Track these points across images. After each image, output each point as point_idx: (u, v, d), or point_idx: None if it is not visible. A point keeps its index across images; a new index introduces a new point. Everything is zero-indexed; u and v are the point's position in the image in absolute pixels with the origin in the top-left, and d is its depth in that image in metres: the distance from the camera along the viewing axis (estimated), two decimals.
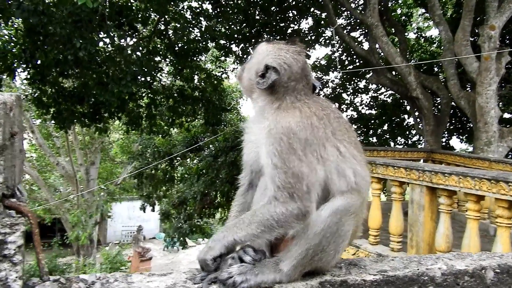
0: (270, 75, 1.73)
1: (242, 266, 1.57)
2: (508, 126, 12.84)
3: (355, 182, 1.69)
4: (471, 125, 14.10)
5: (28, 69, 10.15)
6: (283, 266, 1.60)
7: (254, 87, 1.81)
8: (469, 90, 14.09)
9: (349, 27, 19.37)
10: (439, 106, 15.04)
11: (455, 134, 20.58)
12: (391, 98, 21.63)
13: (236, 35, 16.13)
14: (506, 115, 17.21)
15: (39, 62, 9.73)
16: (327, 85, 21.31)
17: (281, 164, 1.57)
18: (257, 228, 1.56)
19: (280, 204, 1.56)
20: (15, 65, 9.93)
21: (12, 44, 10.26)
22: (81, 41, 8.85)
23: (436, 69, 18.91)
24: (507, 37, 16.20)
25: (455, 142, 29.60)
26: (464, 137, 20.34)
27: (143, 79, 11.70)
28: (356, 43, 17.19)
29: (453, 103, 14.23)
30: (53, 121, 11.65)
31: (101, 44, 10.58)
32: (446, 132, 19.12)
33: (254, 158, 1.82)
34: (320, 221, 1.59)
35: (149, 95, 12.87)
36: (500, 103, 14.14)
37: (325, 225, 1.58)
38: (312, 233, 1.58)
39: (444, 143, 18.47)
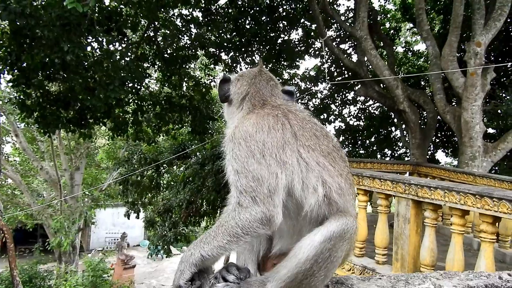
0: (221, 86, 2.03)
1: (227, 286, 1.51)
2: (492, 141, 13.02)
3: (325, 196, 1.63)
4: (456, 140, 14.28)
5: (13, 72, 9.97)
6: (270, 287, 1.54)
7: (226, 107, 2.06)
8: (455, 105, 14.29)
9: (339, 39, 19.55)
10: (425, 120, 15.22)
11: (440, 147, 20.82)
12: (378, 110, 21.84)
13: (226, 44, 16.15)
14: (491, 130, 17.48)
15: (24, 64, 9.57)
16: (316, 95, 21.43)
17: (241, 168, 1.56)
18: (223, 239, 1.51)
19: (244, 210, 1.51)
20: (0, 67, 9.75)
21: None
22: (68, 45, 8.71)
23: (423, 83, 19.16)
24: (493, 54, 16.52)
25: (440, 155, 29.99)
26: (449, 151, 20.59)
27: (130, 85, 11.60)
28: (345, 55, 17.36)
29: (439, 117, 14.42)
30: (36, 125, 11.44)
31: (89, 48, 10.46)
32: (431, 146, 19.34)
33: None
34: (313, 247, 1.52)
35: (136, 101, 12.76)
36: (485, 119, 14.35)
37: (317, 251, 1.51)
38: (304, 257, 1.51)
39: (429, 157, 18.66)
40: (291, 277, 1.52)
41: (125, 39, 12.27)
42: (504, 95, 15.73)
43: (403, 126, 15.77)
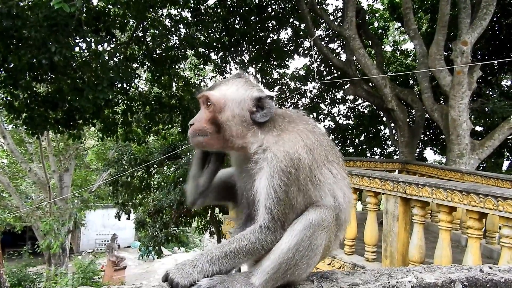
0: (269, 103, 1.70)
1: (212, 280, 1.54)
2: (479, 139, 13.20)
3: (340, 204, 1.73)
4: (444, 137, 14.45)
5: (0, 73, 9.86)
6: (255, 280, 1.57)
7: (248, 127, 1.71)
8: (443, 103, 14.46)
9: (327, 39, 19.67)
10: (414, 118, 15.37)
11: (429, 145, 21.03)
12: (367, 109, 22.01)
13: (215, 44, 16.14)
14: (478, 128, 17.71)
15: (12, 65, 9.47)
16: (305, 95, 21.53)
17: (283, 196, 1.59)
18: (245, 257, 1.60)
19: (271, 234, 1.60)
20: None
21: None
22: (56, 45, 8.64)
23: (411, 81, 19.35)
24: (479, 52, 16.73)
25: (429, 153, 30.32)
26: (437, 148, 20.81)
27: (119, 85, 11.53)
28: (334, 55, 17.46)
29: (427, 116, 14.56)
30: (24, 127, 11.32)
31: (77, 49, 10.38)
32: (420, 144, 19.53)
33: (250, 189, 1.72)
34: (294, 236, 1.57)
35: (126, 101, 12.68)
36: (472, 116, 14.54)
37: (298, 239, 1.57)
38: (286, 247, 1.56)
39: (418, 154, 18.84)
40: (275, 268, 1.56)
41: (114, 40, 12.20)
42: (490, 93, 15.96)
43: (392, 124, 15.90)
